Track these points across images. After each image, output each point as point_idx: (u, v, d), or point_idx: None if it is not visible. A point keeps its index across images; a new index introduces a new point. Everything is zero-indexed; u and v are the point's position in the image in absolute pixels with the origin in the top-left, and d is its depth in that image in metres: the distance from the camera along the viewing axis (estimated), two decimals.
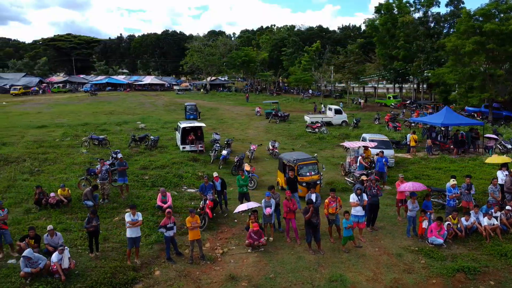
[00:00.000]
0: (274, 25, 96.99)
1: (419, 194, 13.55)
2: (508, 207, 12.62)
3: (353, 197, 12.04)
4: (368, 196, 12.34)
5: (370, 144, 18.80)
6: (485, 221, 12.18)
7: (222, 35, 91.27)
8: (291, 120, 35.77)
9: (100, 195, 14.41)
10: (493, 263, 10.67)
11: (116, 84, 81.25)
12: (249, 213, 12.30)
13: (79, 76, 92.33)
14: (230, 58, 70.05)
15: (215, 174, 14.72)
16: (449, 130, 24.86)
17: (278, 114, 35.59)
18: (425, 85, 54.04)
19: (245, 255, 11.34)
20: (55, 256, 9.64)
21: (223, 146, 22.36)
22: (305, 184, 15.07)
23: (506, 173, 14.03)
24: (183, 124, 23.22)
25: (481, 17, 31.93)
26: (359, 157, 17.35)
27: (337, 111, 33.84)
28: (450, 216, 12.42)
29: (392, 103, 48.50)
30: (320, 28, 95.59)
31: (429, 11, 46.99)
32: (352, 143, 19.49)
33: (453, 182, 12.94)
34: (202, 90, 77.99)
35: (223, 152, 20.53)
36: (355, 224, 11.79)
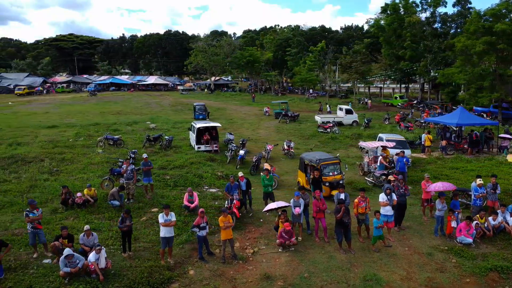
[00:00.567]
0: (278, 25, 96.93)
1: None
2: None
3: (383, 197, 12.10)
4: (396, 196, 12.40)
5: (389, 144, 18.85)
6: None
7: (225, 35, 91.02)
8: (300, 120, 35.83)
9: (126, 195, 14.44)
10: None
11: (120, 84, 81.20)
12: (278, 212, 12.36)
13: (82, 76, 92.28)
14: (235, 58, 70.08)
15: (241, 174, 14.76)
16: (462, 130, 24.90)
17: (288, 114, 35.65)
18: (428, 85, 54.17)
19: (277, 255, 11.39)
20: (92, 256, 9.68)
21: (239, 146, 22.39)
22: (328, 184, 15.11)
23: None
24: (199, 124, 23.25)
25: (491, 17, 31.98)
26: (380, 157, 17.39)
27: (348, 111, 33.91)
28: (478, 215, 12.49)
29: (399, 103, 48.57)
30: (322, 28, 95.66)
31: (436, 11, 47.00)
32: (370, 143, 19.54)
33: (479, 181, 13.00)
34: (206, 90, 78.02)
35: (241, 152, 20.57)
36: (384, 223, 11.85)
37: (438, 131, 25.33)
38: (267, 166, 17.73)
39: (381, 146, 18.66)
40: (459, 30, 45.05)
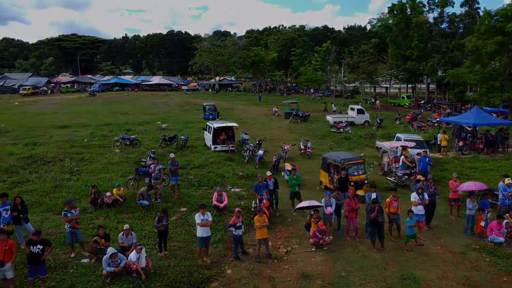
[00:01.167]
0: (282, 25, 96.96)
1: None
2: None
3: (415, 196, 12.17)
4: (427, 195, 12.47)
5: (409, 144, 18.92)
6: None
7: (229, 35, 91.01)
8: (311, 120, 35.89)
9: (153, 194, 14.49)
10: None
11: (124, 84, 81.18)
12: (311, 212, 12.43)
13: (86, 76, 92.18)
14: (240, 58, 70.13)
15: (269, 173, 14.84)
16: (477, 130, 24.99)
17: (299, 114, 35.71)
18: (433, 85, 54.25)
19: (311, 254, 11.46)
20: (133, 255, 9.73)
21: (255, 146, 22.44)
22: (353, 184, 15.17)
23: None
24: (215, 124, 23.29)
25: (502, 18, 32.06)
26: (402, 157, 17.46)
27: (360, 111, 34.00)
28: (507, 214, 12.56)
29: (406, 103, 48.66)
30: (325, 28, 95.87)
31: (444, 12, 47.11)
32: (389, 143, 19.61)
33: (508, 181, 13.06)
34: (210, 90, 78.08)
35: (260, 152, 20.63)
36: (416, 222, 11.92)
37: (454, 131, 25.40)
38: (288, 166, 17.80)
39: (401, 146, 18.73)
40: (467, 30, 45.13)
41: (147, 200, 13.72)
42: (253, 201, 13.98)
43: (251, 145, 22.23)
